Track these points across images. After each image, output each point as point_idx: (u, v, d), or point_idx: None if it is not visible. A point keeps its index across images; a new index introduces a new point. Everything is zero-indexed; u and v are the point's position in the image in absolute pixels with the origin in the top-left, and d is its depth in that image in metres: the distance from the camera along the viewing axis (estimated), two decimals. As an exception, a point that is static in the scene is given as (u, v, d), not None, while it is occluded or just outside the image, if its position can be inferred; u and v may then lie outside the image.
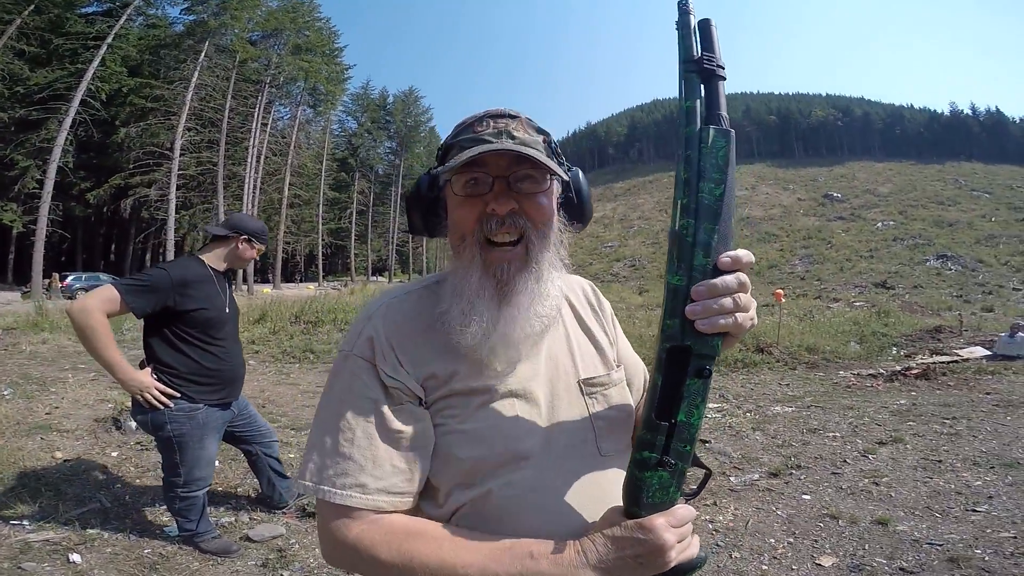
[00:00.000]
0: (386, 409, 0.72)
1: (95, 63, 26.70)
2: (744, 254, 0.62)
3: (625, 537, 0.66)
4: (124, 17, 28.48)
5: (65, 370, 6.55)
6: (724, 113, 0.65)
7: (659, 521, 0.66)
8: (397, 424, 0.71)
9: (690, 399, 0.65)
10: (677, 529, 0.67)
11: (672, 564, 0.67)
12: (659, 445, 0.67)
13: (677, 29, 0.67)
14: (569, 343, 0.84)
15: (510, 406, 0.74)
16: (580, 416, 0.79)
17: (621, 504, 0.70)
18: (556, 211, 0.78)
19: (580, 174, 0.83)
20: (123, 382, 2.44)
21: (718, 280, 0.61)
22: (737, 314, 0.61)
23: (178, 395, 2.51)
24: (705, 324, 0.61)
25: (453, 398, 0.74)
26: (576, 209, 0.82)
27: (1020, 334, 9.10)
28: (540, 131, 0.79)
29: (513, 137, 0.73)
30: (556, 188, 0.78)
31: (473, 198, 0.73)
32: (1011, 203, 45.96)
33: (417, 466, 0.72)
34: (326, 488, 0.69)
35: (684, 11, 0.67)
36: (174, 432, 2.52)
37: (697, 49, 0.66)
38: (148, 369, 2.53)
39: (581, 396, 0.80)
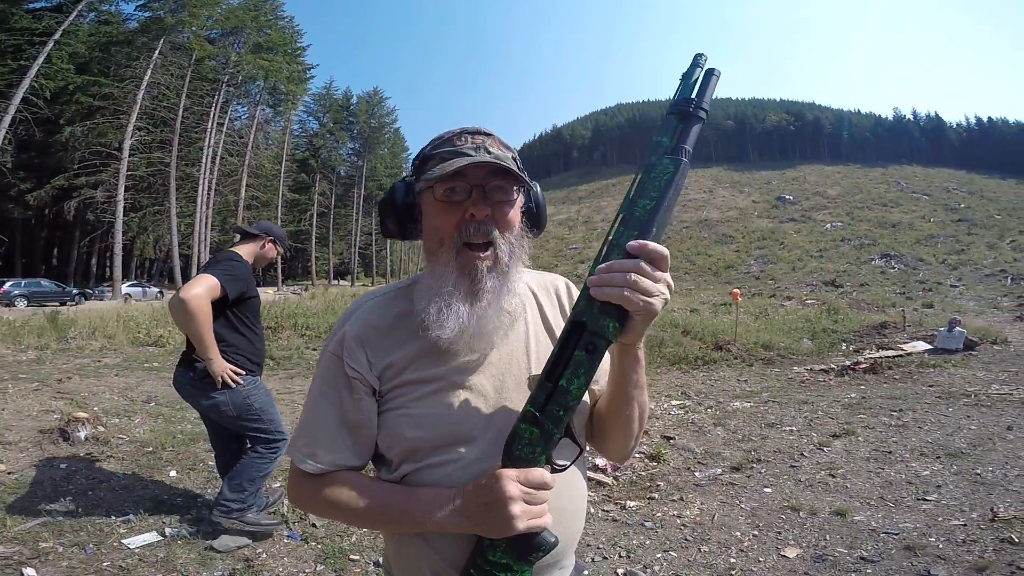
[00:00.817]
0: (345, 397, 0.85)
1: (39, 60, 25.33)
2: (653, 244, 0.70)
3: (482, 485, 0.74)
4: (75, 13, 27.08)
5: (4, 380, 6.17)
6: (688, 148, 0.75)
7: (509, 472, 0.73)
8: (352, 411, 0.85)
9: (574, 368, 0.73)
10: (524, 487, 0.72)
11: (516, 522, 0.71)
12: (539, 402, 0.74)
13: (680, 79, 0.78)
14: (527, 340, 0.91)
15: (456, 395, 0.83)
16: None
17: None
18: (520, 218, 0.88)
19: (538, 188, 0.94)
20: (213, 361, 2.76)
21: (618, 261, 0.71)
22: (625, 290, 0.68)
23: (245, 371, 2.89)
24: (596, 291, 0.70)
25: (406, 387, 0.84)
26: (534, 218, 0.93)
27: (957, 328, 9.68)
28: (507, 148, 0.88)
29: (489, 152, 0.82)
30: (521, 200, 0.88)
31: (452, 204, 0.82)
32: (947, 205, 48.85)
33: (362, 445, 0.87)
34: (294, 452, 0.88)
35: (696, 63, 0.78)
36: (256, 403, 2.91)
37: (692, 91, 0.77)
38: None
39: (528, 391, 0.84)
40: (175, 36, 32.70)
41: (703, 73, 0.78)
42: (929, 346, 9.70)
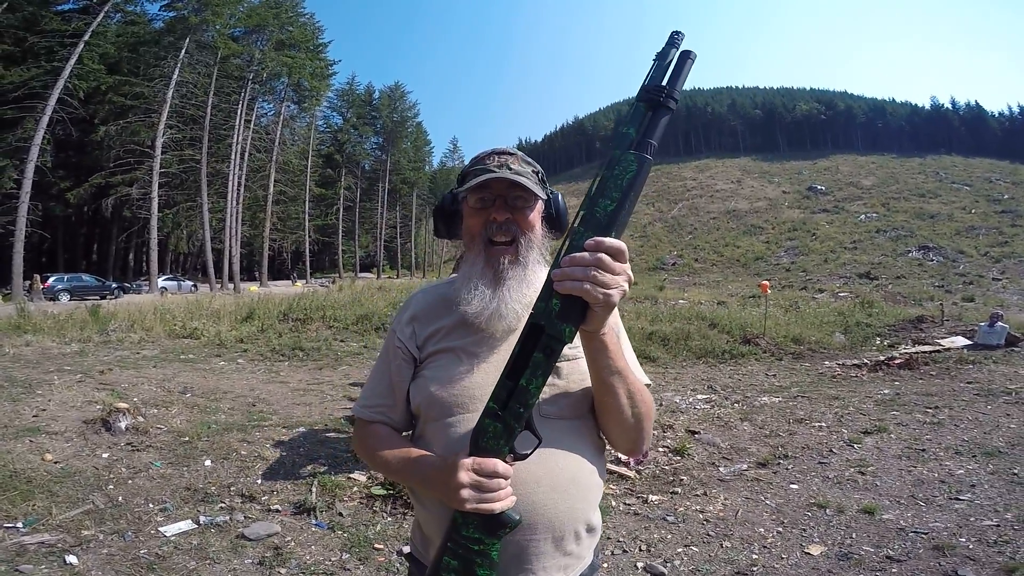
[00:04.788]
0: (392, 363, 1.06)
1: (72, 61, 25.99)
2: (609, 240, 0.75)
3: (447, 465, 0.86)
4: (101, 14, 27.72)
5: (50, 372, 6.46)
6: (655, 142, 0.74)
7: (463, 461, 0.83)
8: (395, 374, 1.05)
9: (532, 369, 0.79)
10: (475, 474, 0.82)
11: (465, 503, 0.81)
12: (501, 399, 0.81)
13: (655, 59, 0.75)
14: None
15: (471, 363, 0.99)
16: None
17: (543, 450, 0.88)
18: (540, 222, 1.04)
19: (559, 196, 1.10)
20: None
21: (578, 254, 0.75)
22: (586, 283, 0.74)
23: None
24: (559, 285, 0.76)
25: (438, 353, 1.02)
26: (555, 222, 1.08)
27: (999, 324, 9.32)
28: (530, 163, 1.04)
29: (511, 168, 0.99)
30: (540, 207, 1.04)
31: (481, 210, 1.01)
32: (990, 195, 46.81)
33: (399, 403, 1.05)
34: (356, 405, 1.11)
35: (673, 43, 0.75)
36: None
37: (663, 78, 0.74)
38: None
39: None
40: (200, 35, 33.23)
41: (677, 55, 0.75)
42: (969, 341, 9.39)
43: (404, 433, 1.08)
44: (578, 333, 0.81)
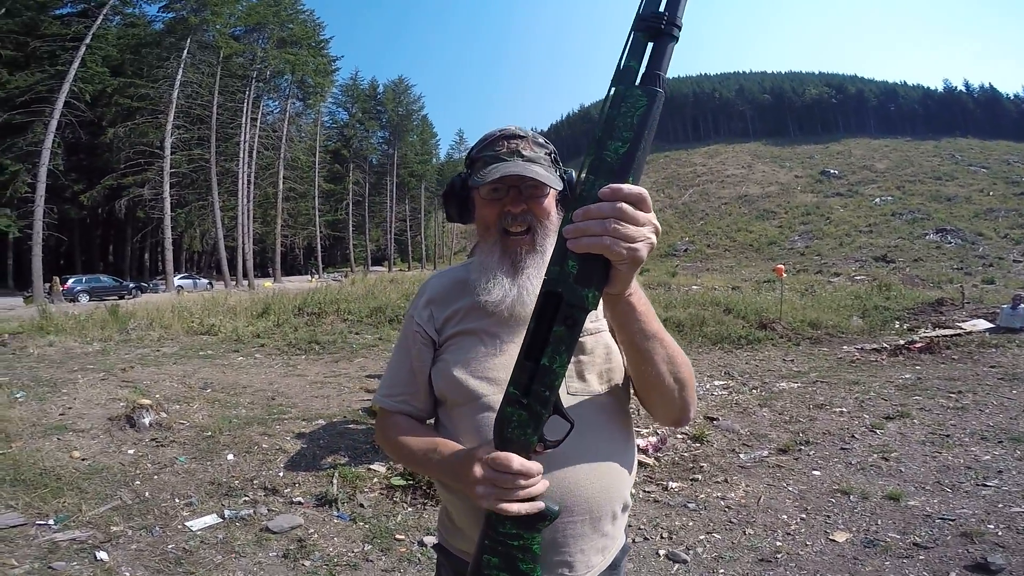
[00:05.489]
0: (412, 348, 1.03)
1: (75, 64, 26.17)
2: (628, 187, 0.64)
3: (462, 460, 0.83)
4: (100, 17, 27.82)
5: (74, 371, 6.57)
6: (663, 74, 0.64)
7: (478, 454, 0.79)
8: (415, 360, 1.03)
9: (555, 345, 0.69)
10: (488, 470, 0.76)
11: (480, 500, 0.76)
12: (522, 384, 0.72)
13: None
14: None
15: (494, 345, 0.96)
16: None
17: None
18: (555, 207, 1.00)
19: (573, 174, 1.02)
20: None
21: (593, 206, 0.64)
22: (606, 237, 0.63)
23: None
24: (574, 243, 0.65)
25: (458, 336, 0.99)
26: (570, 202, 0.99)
27: (1022, 306, 9.13)
28: (543, 145, 1.00)
29: (522, 155, 0.95)
30: (555, 192, 0.99)
31: (495, 201, 0.97)
32: (1008, 177, 45.81)
33: (421, 389, 1.02)
34: (376, 394, 1.09)
35: None
36: None
37: (659, 5, 0.64)
38: None
39: None
40: (201, 35, 33.31)
41: None
42: (991, 324, 9.21)
43: (428, 421, 1.05)
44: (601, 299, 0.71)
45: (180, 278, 31.43)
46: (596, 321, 0.97)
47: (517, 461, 0.74)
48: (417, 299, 1.07)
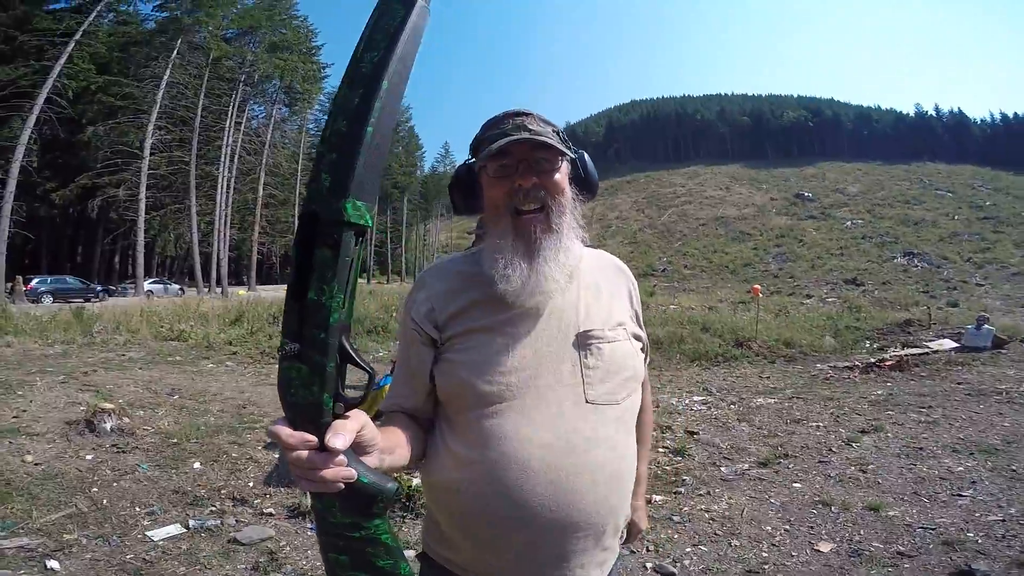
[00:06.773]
0: (409, 348, 0.97)
1: (62, 60, 25.61)
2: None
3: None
4: (94, 13, 27.41)
5: (32, 373, 6.28)
6: None
7: (279, 428, 0.62)
8: (414, 359, 0.95)
9: (319, 272, 0.58)
10: (294, 438, 0.61)
11: (298, 483, 0.62)
12: (292, 329, 0.60)
13: None
14: (577, 299, 0.96)
15: (506, 342, 0.89)
16: (571, 363, 0.90)
17: (585, 440, 0.85)
18: (568, 184, 0.95)
19: (585, 155, 1.01)
20: None
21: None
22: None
23: None
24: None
25: (465, 334, 0.91)
26: (585, 183, 0.99)
27: (986, 326, 9.42)
28: (548, 123, 0.96)
29: (529, 129, 0.91)
30: (566, 168, 0.95)
31: (504, 178, 0.91)
32: (972, 202, 47.64)
33: (419, 389, 0.95)
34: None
35: None
36: None
37: None
38: None
39: (575, 346, 0.91)
40: (192, 36, 32.98)
41: None
42: (956, 344, 9.46)
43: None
44: None
45: (150, 283, 30.55)
46: (613, 330, 0.95)
47: (285, 432, 0.61)
48: (415, 294, 0.98)
